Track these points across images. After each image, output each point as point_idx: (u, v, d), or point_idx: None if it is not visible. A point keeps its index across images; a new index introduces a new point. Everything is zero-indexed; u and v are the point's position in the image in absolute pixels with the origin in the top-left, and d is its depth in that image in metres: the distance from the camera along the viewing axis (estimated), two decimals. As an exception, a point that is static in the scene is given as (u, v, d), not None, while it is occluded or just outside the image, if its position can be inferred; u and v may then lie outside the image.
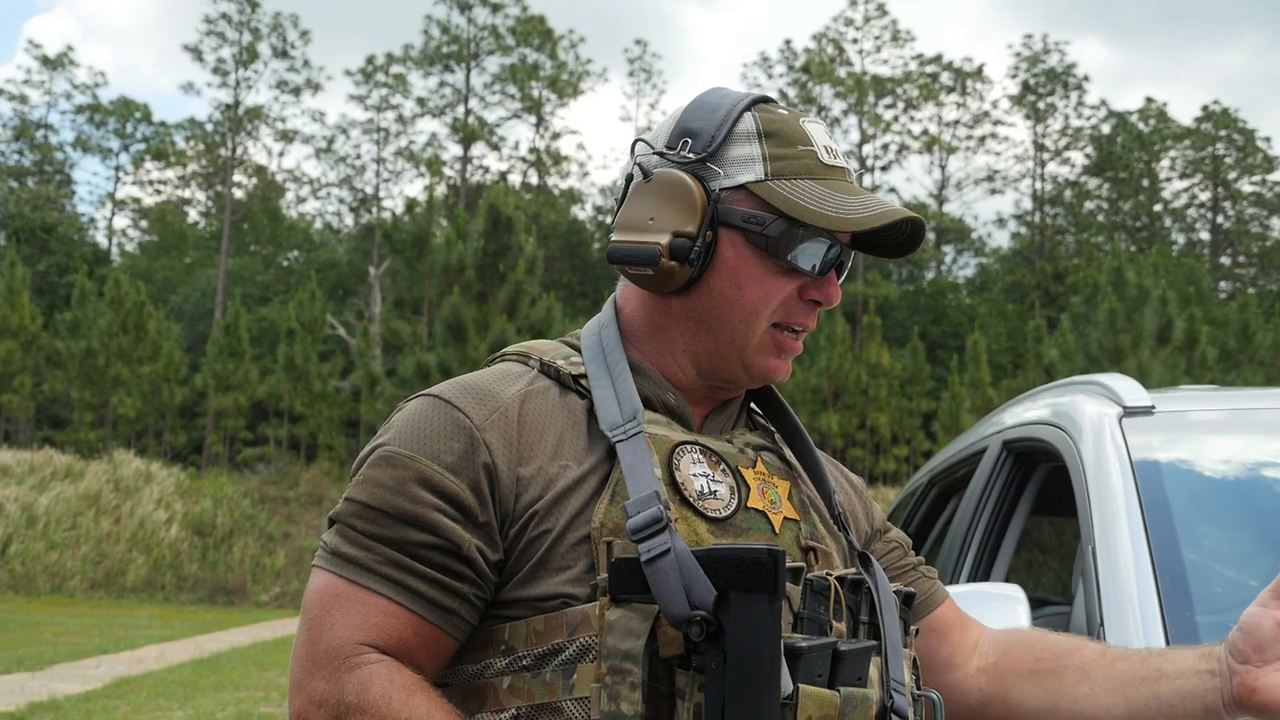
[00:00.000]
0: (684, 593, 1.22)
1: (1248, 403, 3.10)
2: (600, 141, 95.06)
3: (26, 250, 46.04)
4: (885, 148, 58.30)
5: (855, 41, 57.23)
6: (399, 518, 1.35)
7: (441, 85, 56.54)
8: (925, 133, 58.35)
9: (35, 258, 47.37)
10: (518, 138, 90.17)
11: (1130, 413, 2.63)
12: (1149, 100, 62.90)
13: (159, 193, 62.78)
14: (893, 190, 57.24)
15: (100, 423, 35.83)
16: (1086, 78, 62.60)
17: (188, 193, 63.54)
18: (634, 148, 1.56)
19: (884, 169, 58.44)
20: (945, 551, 3.34)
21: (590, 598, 1.32)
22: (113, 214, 61.97)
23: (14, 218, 49.57)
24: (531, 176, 58.66)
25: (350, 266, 52.45)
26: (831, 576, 1.40)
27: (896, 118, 58.24)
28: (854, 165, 1.52)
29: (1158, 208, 61.09)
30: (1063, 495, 2.78)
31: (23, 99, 58.23)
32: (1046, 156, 60.22)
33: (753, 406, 1.67)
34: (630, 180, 1.52)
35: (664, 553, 1.25)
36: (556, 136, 58.63)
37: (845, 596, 1.41)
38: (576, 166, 63.96)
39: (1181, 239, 62.22)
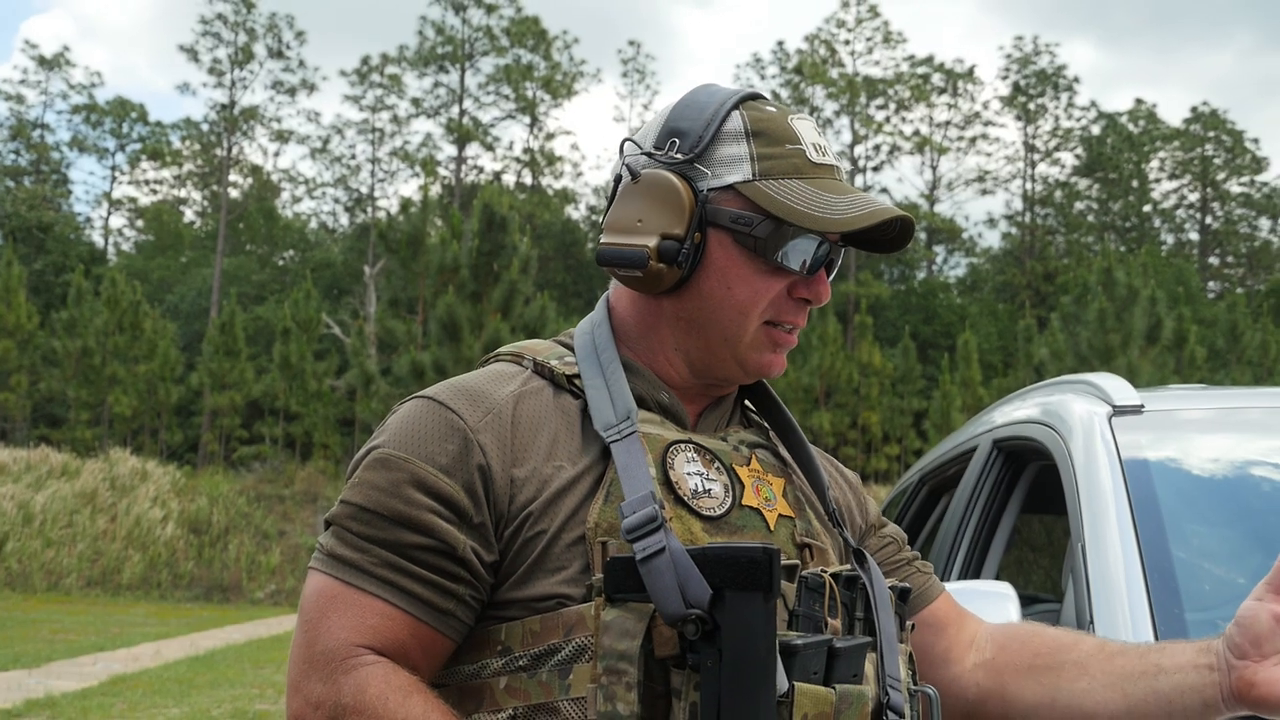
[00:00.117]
0: (679, 591, 1.21)
1: (1236, 402, 3.13)
2: (594, 142, 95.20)
3: (23, 249, 45.92)
4: (877, 148, 58.22)
5: (847, 43, 57.16)
6: (394, 520, 1.35)
7: (436, 86, 56.46)
8: (916, 133, 58.32)
9: (31, 257, 47.23)
10: (512, 138, 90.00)
11: (1120, 412, 2.63)
12: (1138, 102, 63.07)
13: (155, 192, 62.72)
14: (884, 190, 57.14)
15: (96, 421, 35.73)
16: (1077, 79, 62.63)
17: (183, 192, 63.48)
18: (623, 147, 1.55)
19: (876, 169, 58.38)
20: (936, 549, 3.34)
21: (586, 598, 1.32)
22: (109, 213, 61.99)
23: (10, 217, 49.43)
24: (525, 177, 58.62)
25: (345, 266, 52.37)
26: (826, 573, 1.39)
27: (888, 119, 58.18)
28: (844, 163, 1.52)
29: (1147, 208, 61.11)
30: (1053, 493, 2.78)
31: (19, 99, 58.22)
32: (1037, 157, 60.22)
33: (746, 403, 1.66)
34: (619, 181, 1.52)
35: (659, 551, 1.24)
36: (550, 137, 58.62)
37: (840, 593, 1.40)
38: (570, 167, 64.06)
39: (1170, 239, 62.27)
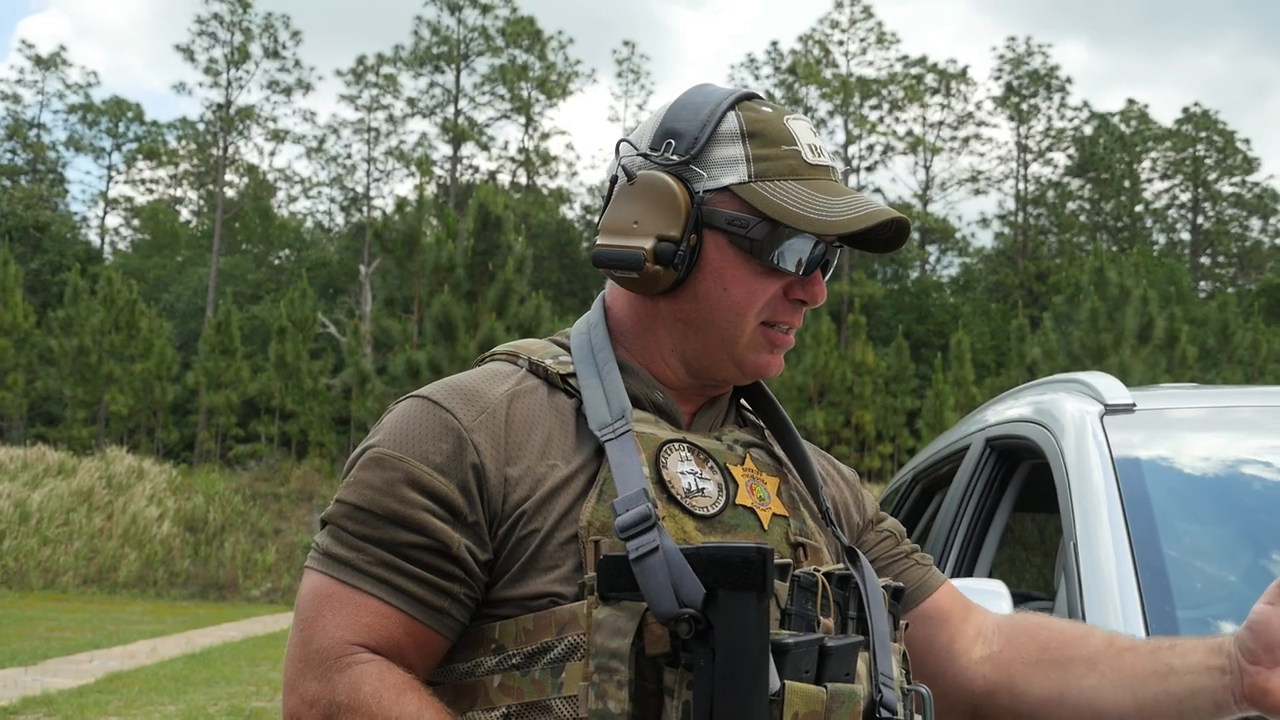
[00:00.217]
0: (672, 590, 1.20)
1: (1227, 401, 3.14)
2: (589, 142, 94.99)
3: (19, 249, 45.83)
4: (870, 148, 58.30)
5: (841, 43, 57.24)
6: (388, 519, 1.35)
7: (431, 86, 56.47)
8: (910, 134, 58.35)
9: (28, 256, 47.19)
10: (507, 138, 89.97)
11: (1111, 410, 2.64)
12: (1130, 102, 63.05)
13: (151, 192, 62.76)
14: (878, 190, 57.24)
15: (93, 420, 35.74)
16: (1069, 80, 62.64)
17: (179, 192, 63.59)
18: (618, 149, 1.55)
19: (869, 169, 58.49)
20: (929, 548, 3.33)
21: (578, 596, 1.32)
22: (105, 213, 61.99)
23: (7, 216, 49.34)
24: (520, 176, 58.59)
25: (341, 265, 52.34)
26: (819, 572, 1.38)
27: (882, 119, 58.21)
28: (839, 163, 1.52)
29: (1139, 208, 61.23)
30: (1045, 492, 2.80)
31: (16, 99, 58.33)
32: (1029, 157, 60.34)
33: (742, 402, 1.66)
34: (615, 182, 1.52)
35: (652, 550, 1.23)
36: (545, 137, 58.56)
37: (833, 592, 1.40)
38: (565, 166, 63.96)
39: (1162, 239, 62.43)
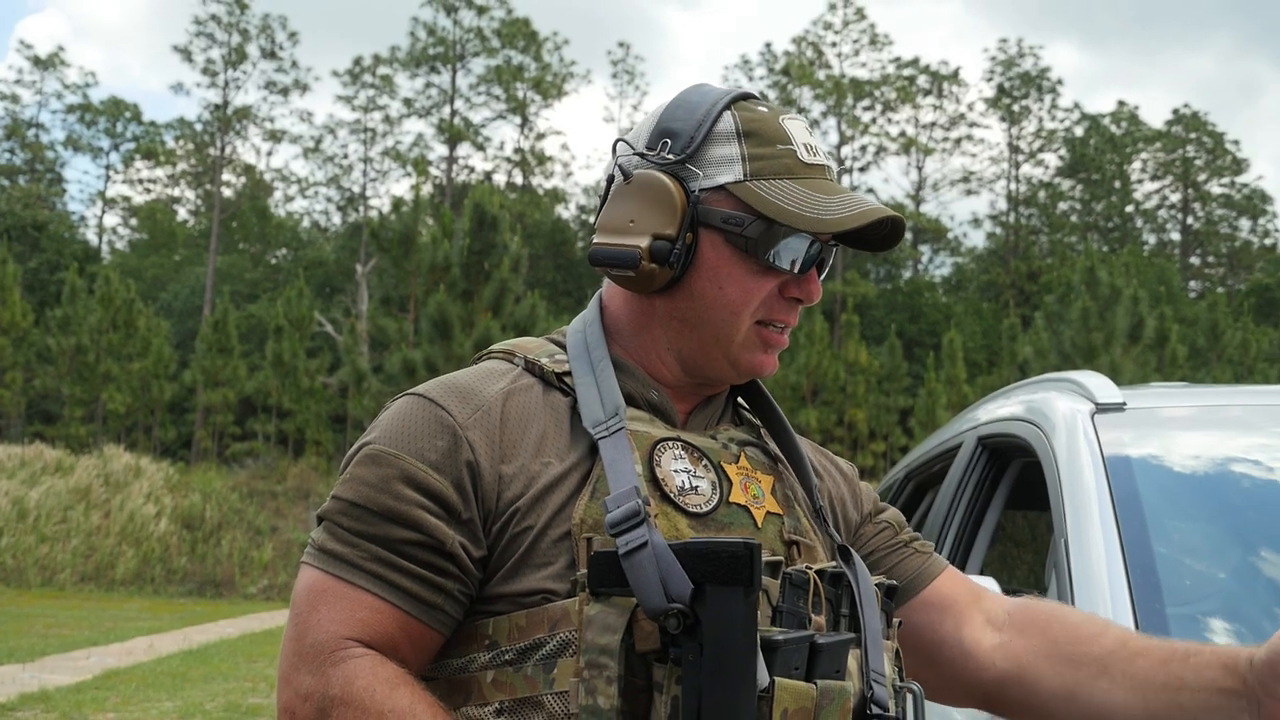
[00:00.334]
0: (661, 585, 1.21)
1: (1217, 400, 3.15)
2: (584, 142, 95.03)
3: (18, 248, 45.84)
4: (863, 149, 58.30)
5: (834, 45, 57.27)
6: (384, 515, 1.36)
7: (428, 86, 56.42)
8: (902, 134, 58.40)
9: (26, 255, 47.19)
10: (503, 138, 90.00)
11: (1102, 409, 2.65)
12: (1121, 103, 63.29)
13: (149, 191, 62.71)
14: (871, 190, 57.11)
15: (90, 418, 35.73)
16: (1060, 81, 63.01)
17: (177, 191, 63.50)
18: (615, 148, 1.55)
19: (862, 170, 58.48)
20: (922, 545, 3.37)
21: (571, 593, 1.33)
22: (103, 212, 61.93)
23: (6, 215, 49.35)
24: (516, 176, 58.57)
25: (337, 264, 52.33)
26: (811, 570, 1.39)
27: (874, 120, 58.22)
28: (834, 163, 1.54)
29: (1129, 209, 61.28)
30: (1036, 490, 2.80)
31: (14, 98, 58.37)
32: (1021, 158, 60.31)
33: (739, 400, 1.67)
34: (611, 181, 1.53)
35: (641, 546, 1.24)
36: (541, 137, 58.51)
37: (825, 590, 1.40)
38: (560, 166, 63.96)
39: (1152, 239, 62.49)
